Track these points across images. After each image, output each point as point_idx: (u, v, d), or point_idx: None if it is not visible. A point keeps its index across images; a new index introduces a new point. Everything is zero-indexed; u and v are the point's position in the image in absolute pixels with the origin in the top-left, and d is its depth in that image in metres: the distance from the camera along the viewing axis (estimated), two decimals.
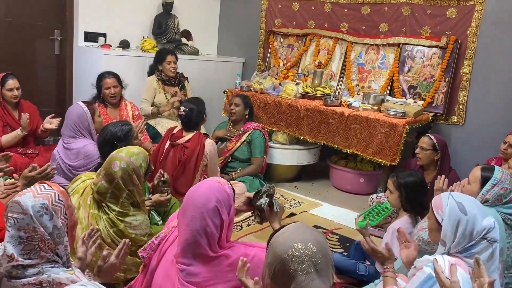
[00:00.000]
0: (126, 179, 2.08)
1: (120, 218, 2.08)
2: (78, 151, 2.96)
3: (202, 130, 4.10)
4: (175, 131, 3.40)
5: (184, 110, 3.31)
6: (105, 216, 2.08)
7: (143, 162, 2.17)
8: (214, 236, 1.74)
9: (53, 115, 3.42)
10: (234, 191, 1.86)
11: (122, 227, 2.06)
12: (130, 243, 1.79)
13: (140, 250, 1.96)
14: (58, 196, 1.45)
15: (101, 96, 3.62)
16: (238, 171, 3.91)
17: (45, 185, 1.48)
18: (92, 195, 2.14)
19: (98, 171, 2.21)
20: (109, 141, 2.59)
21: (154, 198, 2.67)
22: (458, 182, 2.45)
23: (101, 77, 3.63)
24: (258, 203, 2.07)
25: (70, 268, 1.44)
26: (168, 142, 3.37)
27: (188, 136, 3.31)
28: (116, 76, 3.65)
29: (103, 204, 2.10)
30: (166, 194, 2.69)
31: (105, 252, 1.65)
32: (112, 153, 2.20)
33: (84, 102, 3.13)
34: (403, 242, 2.00)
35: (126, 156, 2.13)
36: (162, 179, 2.76)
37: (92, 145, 2.97)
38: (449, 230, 1.58)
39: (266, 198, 2.03)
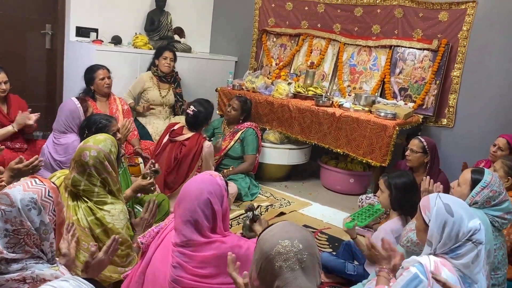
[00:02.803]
0: (98, 167, 2.06)
1: (98, 206, 2.06)
2: (67, 146, 2.95)
3: None
4: (175, 127, 3.40)
5: (193, 111, 3.32)
6: (84, 205, 2.06)
7: (112, 147, 2.15)
8: (205, 226, 1.83)
9: (29, 110, 3.38)
10: (227, 183, 1.96)
11: (100, 215, 2.04)
12: (120, 240, 1.77)
13: (140, 236, 2.02)
14: (49, 192, 1.44)
15: (92, 89, 3.60)
16: (231, 168, 3.92)
17: (37, 179, 1.46)
18: (69, 188, 2.11)
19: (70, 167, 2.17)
20: (82, 129, 2.63)
21: (135, 183, 2.59)
22: (439, 183, 2.48)
23: (92, 69, 3.63)
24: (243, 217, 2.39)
25: (55, 265, 1.43)
26: (166, 137, 3.37)
27: (188, 134, 3.32)
28: (106, 67, 3.67)
29: (80, 194, 2.07)
30: (148, 178, 2.61)
31: (93, 248, 1.63)
32: (79, 145, 2.17)
33: (78, 98, 3.12)
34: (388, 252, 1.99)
35: (94, 144, 2.10)
36: (153, 168, 2.74)
37: (79, 141, 2.95)
38: (435, 231, 1.60)
39: (249, 214, 2.30)
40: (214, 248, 1.82)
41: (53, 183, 1.50)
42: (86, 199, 2.07)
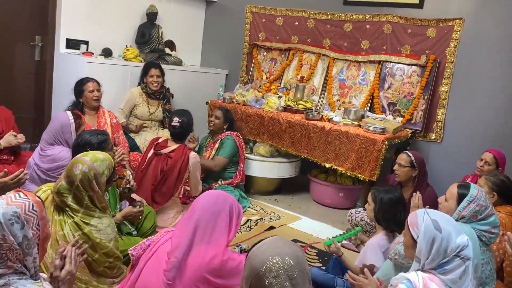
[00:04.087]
0: (85, 183, 2.04)
1: (85, 221, 2.03)
2: (54, 157, 2.92)
3: None
4: (160, 140, 3.39)
5: (178, 122, 3.33)
6: (70, 220, 2.02)
7: (106, 170, 2.12)
8: (224, 225, 1.89)
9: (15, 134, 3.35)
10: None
11: (87, 230, 2.01)
12: (86, 245, 1.75)
13: (130, 248, 2.02)
14: (33, 206, 1.41)
15: (81, 102, 3.58)
16: (220, 182, 3.92)
17: (21, 193, 1.44)
18: (55, 202, 2.08)
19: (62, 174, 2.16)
20: (82, 147, 2.57)
21: (125, 210, 2.63)
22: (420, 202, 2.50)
23: (82, 81, 3.61)
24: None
25: (39, 281, 1.39)
26: (151, 151, 3.35)
27: (173, 146, 3.31)
28: (96, 80, 3.65)
29: (67, 208, 2.04)
30: (138, 206, 2.69)
31: (57, 262, 1.60)
32: (77, 155, 2.15)
33: (73, 113, 3.08)
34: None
35: (90, 160, 2.08)
36: (127, 186, 2.76)
37: (67, 151, 2.93)
38: (424, 247, 1.60)
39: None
40: (210, 259, 1.84)
41: (38, 197, 1.48)
42: (71, 214, 2.04)
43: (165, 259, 1.87)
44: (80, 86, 3.59)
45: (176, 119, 3.35)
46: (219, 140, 4.02)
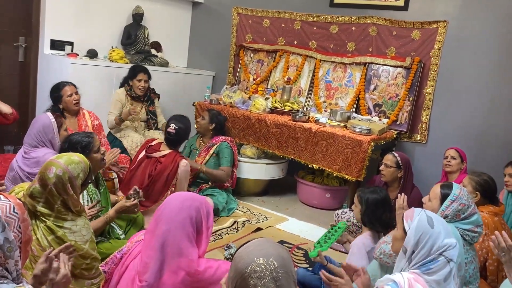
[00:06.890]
0: (59, 187, 1.97)
1: (58, 224, 1.97)
2: (38, 160, 2.86)
3: None
4: (153, 143, 3.35)
5: (174, 128, 3.30)
6: (42, 224, 1.96)
7: (81, 173, 2.05)
8: (190, 233, 1.81)
9: None
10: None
11: (60, 234, 1.95)
12: (74, 247, 1.72)
13: (101, 264, 1.94)
14: (14, 208, 1.39)
15: (61, 107, 3.49)
16: (210, 183, 3.91)
17: (1, 196, 1.41)
18: (26, 207, 2.02)
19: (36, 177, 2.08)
20: (65, 151, 2.50)
21: (118, 205, 2.57)
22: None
23: (58, 87, 3.49)
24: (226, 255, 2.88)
25: (21, 284, 1.37)
26: (143, 153, 3.32)
27: (165, 151, 3.28)
28: (72, 83, 3.55)
29: (37, 213, 1.98)
30: (132, 199, 2.61)
31: (55, 264, 1.57)
32: (51, 157, 2.08)
33: (53, 113, 3.03)
34: (353, 274, 1.99)
35: (64, 163, 2.01)
36: (136, 197, 2.69)
37: (51, 154, 2.88)
38: (412, 238, 1.62)
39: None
40: (185, 274, 1.79)
41: (19, 199, 1.45)
42: (44, 219, 1.99)
43: (137, 282, 1.78)
44: (57, 92, 3.48)
45: (172, 125, 3.31)
46: (214, 146, 3.97)
